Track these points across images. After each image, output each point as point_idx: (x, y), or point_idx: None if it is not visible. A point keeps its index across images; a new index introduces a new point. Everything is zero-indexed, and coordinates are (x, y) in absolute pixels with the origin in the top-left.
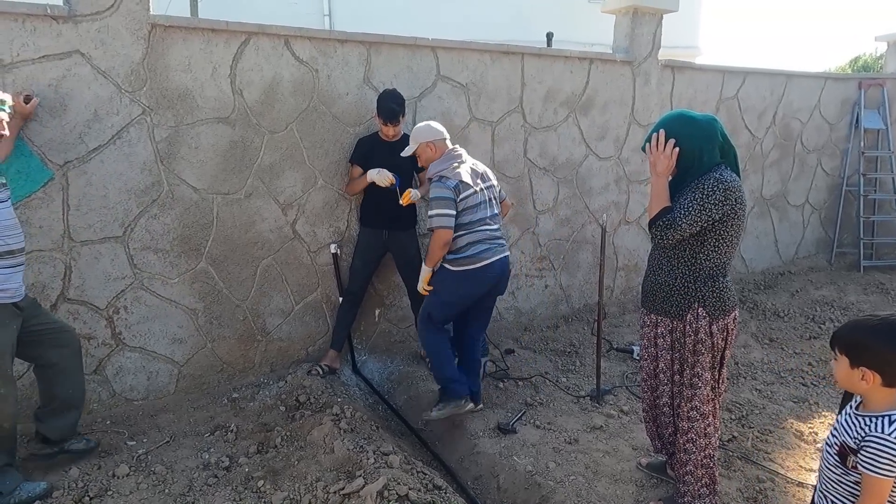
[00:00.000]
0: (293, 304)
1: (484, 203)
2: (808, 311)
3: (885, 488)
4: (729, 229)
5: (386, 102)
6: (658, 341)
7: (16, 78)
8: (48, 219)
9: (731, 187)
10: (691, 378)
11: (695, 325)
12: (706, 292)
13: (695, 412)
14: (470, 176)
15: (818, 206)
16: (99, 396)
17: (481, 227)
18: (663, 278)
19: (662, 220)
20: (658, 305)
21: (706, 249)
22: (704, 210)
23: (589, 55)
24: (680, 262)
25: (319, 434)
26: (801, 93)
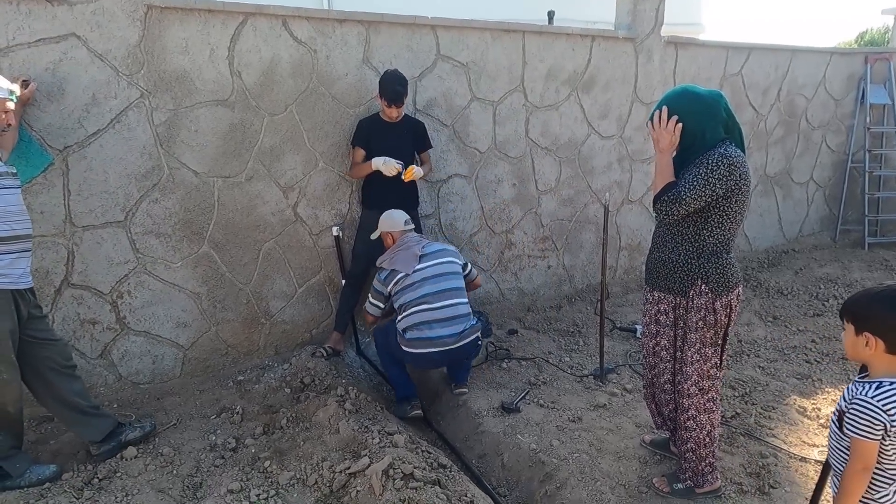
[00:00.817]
0: (296, 286)
1: (426, 280)
2: (812, 289)
3: (867, 450)
4: (733, 205)
5: (390, 84)
6: (660, 318)
7: (12, 62)
8: (49, 204)
9: (736, 163)
10: (693, 354)
11: (697, 301)
12: (709, 269)
13: (695, 388)
14: (403, 262)
15: (823, 184)
16: (105, 380)
17: (420, 308)
18: (667, 255)
19: (667, 196)
20: (661, 282)
21: (710, 226)
22: (708, 185)
23: (591, 32)
24: (684, 238)
25: (325, 415)
26: (806, 68)
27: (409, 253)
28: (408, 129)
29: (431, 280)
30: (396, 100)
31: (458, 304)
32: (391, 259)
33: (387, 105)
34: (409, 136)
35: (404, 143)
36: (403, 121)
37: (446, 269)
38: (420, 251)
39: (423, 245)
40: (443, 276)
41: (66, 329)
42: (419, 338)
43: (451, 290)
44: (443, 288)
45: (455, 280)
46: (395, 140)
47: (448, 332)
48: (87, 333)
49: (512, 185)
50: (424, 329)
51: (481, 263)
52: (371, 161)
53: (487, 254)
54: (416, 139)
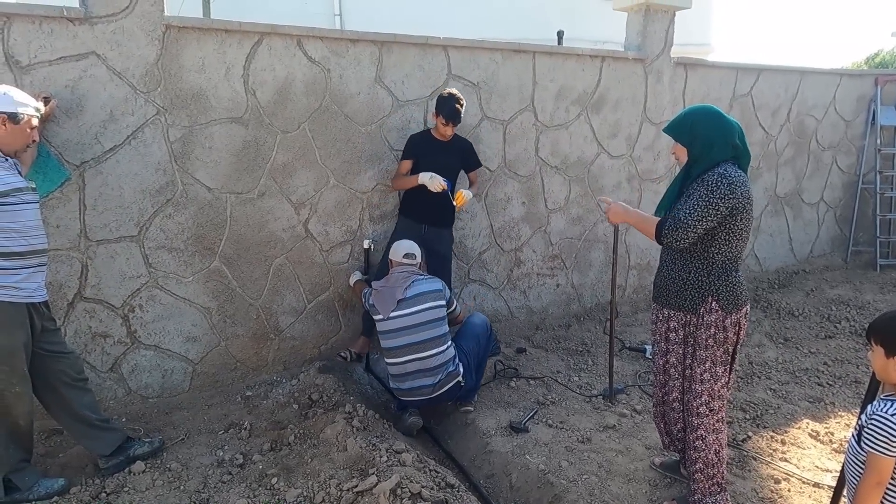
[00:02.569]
0: (305, 302)
1: (404, 331)
2: (824, 311)
3: (883, 466)
4: (738, 223)
5: (450, 103)
6: (670, 336)
7: (33, 79)
8: (65, 218)
9: (736, 181)
10: (702, 373)
11: (708, 318)
12: (720, 286)
13: (704, 408)
14: (383, 303)
15: (833, 205)
16: (115, 394)
17: (398, 360)
18: (677, 273)
19: (668, 225)
20: (671, 300)
21: (717, 243)
22: (710, 205)
23: (601, 53)
24: (693, 256)
25: (332, 432)
26: (816, 89)
27: (390, 294)
28: (457, 147)
29: (410, 330)
30: (455, 118)
31: (436, 355)
32: (378, 293)
33: (444, 123)
34: (458, 155)
35: (453, 162)
36: (453, 140)
37: (426, 317)
38: (402, 294)
39: (407, 286)
40: (422, 326)
41: (77, 342)
42: (400, 388)
43: (430, 340)
44: (421, 339)
45: (435, 328)
46: (444, 158)
47: (426, 382)
48: (98, 347)
49: (521, 203)
50: (405, 380)
51: (490, 281)
52: (418, 175)
53: (496, 272)
54: (464, 158)
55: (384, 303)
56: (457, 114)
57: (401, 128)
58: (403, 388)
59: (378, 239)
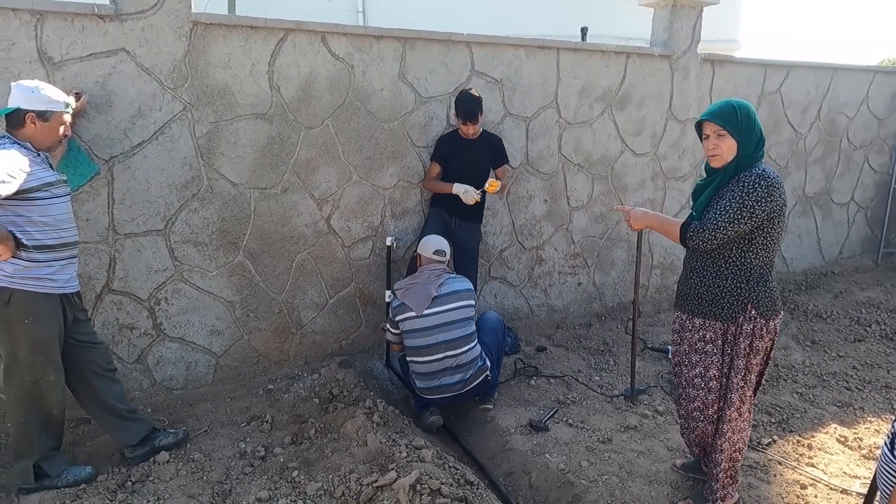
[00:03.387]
0: (327, 298)
1: (437, 328)
2: (853, 313)
3: None
4: (776, 227)
5: (464, 103)
6: (705, 347)
7: (65, 75)
8: (94, 212)
9: (775, 183)
10: (739, 381)
11: (748, 326)
12: (759, 293)
13: (736, 413)
14: (416, 300)
15: (864, 205)
16: (140, 385)
17: (429, 358)
18: (711, 280)
19: (693, 227)
20: (704, 308)
21: (755, 248)
22: (745, 208)
23: (626, 49)
24: (728, 263)
25: (353, 427)
26: (847, 87)
27: (424, 290)
28: (485, 145)
29: (443, 328)
30: (470, 117)
31: (467, 352)
32: (405, 290)
33: (462, 122)
34: (487, 152)
35: (482, 159)
36: (481, 137)
37: (458, 315)
38: (436, 291)
39: (440, 283)
40: (455, 324)
41: (105, 333)
42: (428, 387)
43: (463, 337)
44: (455, 336)
45: (466, 326)
46: (472, 156)
47: (457, 378)
48: (125, 338)
49: (543, 200)
50: (434, 379)
51: (511, 279)
52: (452, 185)
53: (517, 269)
54: (493, 154)
55: (418, 300)
56: (472, 113)
57: (423, 124)
58: (432, 385)
59: (400, 236)
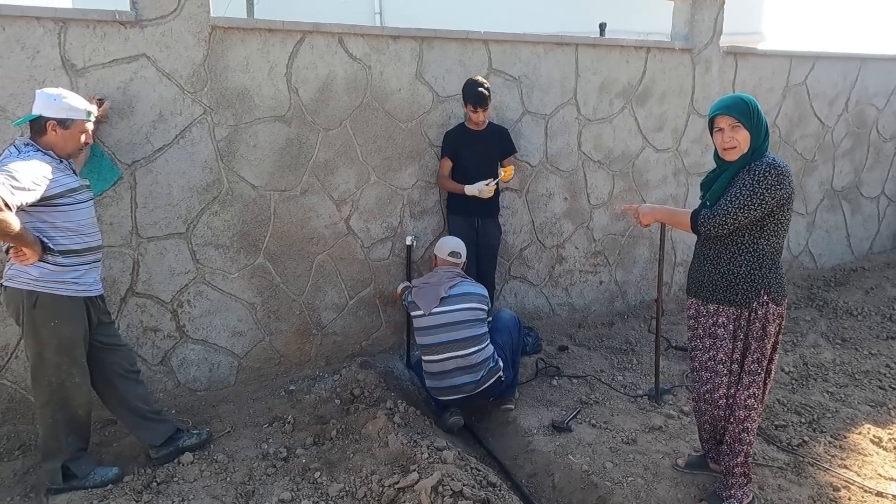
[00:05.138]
0: (347, 299)
1: (445, 327)
2: (885, 310)
3: None
4: (786, 214)
5: (473, 88)
6: (718, 331)
7: (87, 82)
8: (118, 216)
9: (784, 172)
10: (752, 365)
11: (761, 311)
12: (771, 279)
13: (752, 399)
14: (426, 299)
15: (895, 198)
16: (165, 386)
17: (438, 357)
18: (724, 266)
19: (703, 214)
20: (718, 294)
21: (766, 235)
22: (756, 195)
23: (646, 44)
24: (741, 249)
25: (374, 428)
26: (877, 77)
27: (434, 291)
28: (493, 136)
29: (450, 328)
30: (480, 101)
31: (477, 352)
32: (418, 289)
33: (472, 109)
34: (496, 143)
35: (491, 151)
36: (488, 128)
37: (468, 315)
38: (445, 292)
39: (451, 285)
40: (463, 324)
41: (129, 336)
42: (438, 387)
43: (471, 338)
44: (463, 336)
45: (476, 327)
46: (481, 147)
47: (467, 379)
48: (150, 340)
49: (563, 198)
50: (444, 379)
51: (531, 278)
52: (465, 187)
53: (538, 268)
54: (501, 146)
55: (427, 300)
56: (482, 97)
57: (441, 123)
58: (443, 386)
59: (419, 235)
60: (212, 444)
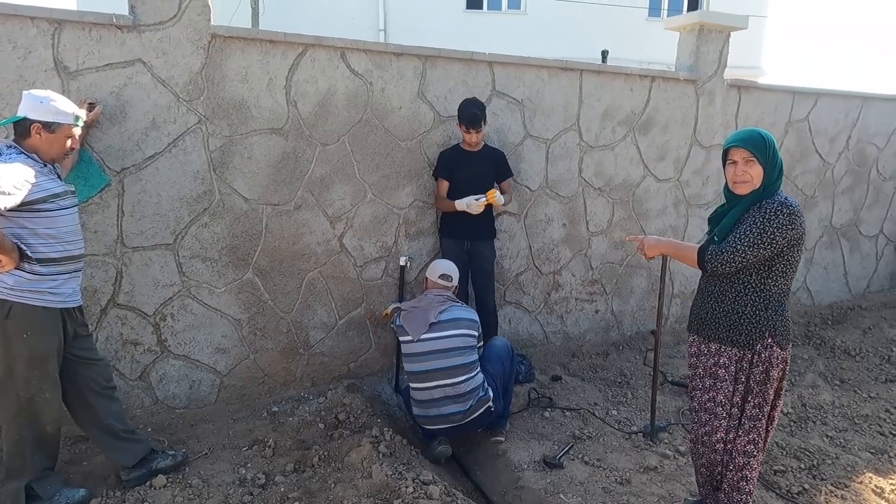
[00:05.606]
0: (337, 318)
1: (433, 354)
2: (883, 352)
3: None
4: (795, 255)
5: (467, 108)
6: (718, 371)
7: (80, 85)
8: (103, 224)
9: (795, 212)
10: (752, 409)
11: (765, 354)
12: (776, 321)
13: (752, 446)
14: (414, 325)
15: (894, 238)
16: (142, 402)
17: (426, 385)
18: (729, 305)
19: (711, 250)
20: (721, 334)
21: (774, 275)
22: (766, 234)
23: (650, 73)
24: (747, 289)
25: (358, 456)
26: (878, 116)
27: (423, 315)
28: (488, 158)
29: (439, 355)
30: (474, 122)
31: (466, 380)
32: (407, 313)
33: (465, 130)
34: (491, 165)
35: (486, 172)
36: (484, 150)
37: (458, 342)
38: (435, 318)
39: (441, 310)
40: (453, 352)
41: (108, 349)
42: (426, 415)
43: (461, 366)
44: (452, 364)
45: (466, 355)
46: (476, 169)
47: (455, 409)
48: (129, 354)
49: (562, 224)
50: (432, 407)
51: (526, 304)
52: (455, 202)
53: (533, 294)
54: (497, 168)
55: (415, 324)
56: (475, 118)
57: (441, 143)
58: (430, 415)
59: (414, 256)
60: (187, 466)
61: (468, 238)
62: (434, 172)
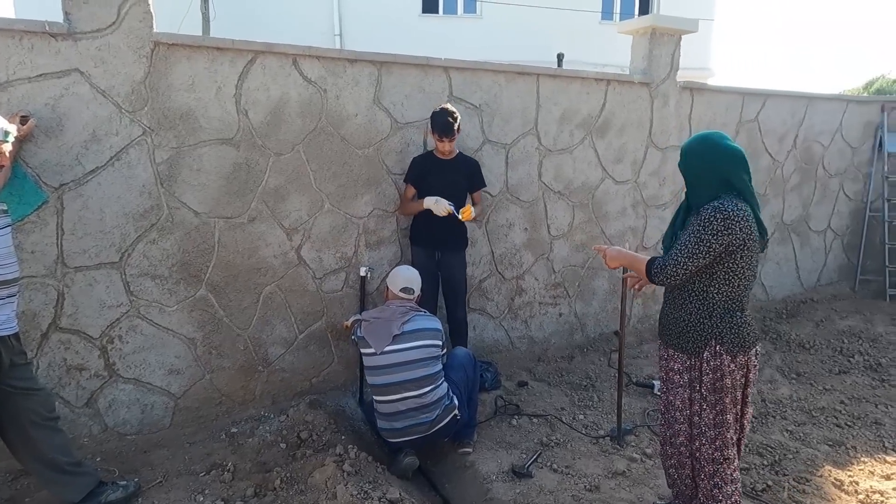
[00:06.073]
0: (297, 333)
1: (398, 367)
2: (835, 343)
3: None
4: (738, 261)
5: (441, 117)
6: (673, 377)
7: (10, 97)
8: (41, 243)
9: (733, 216)
10: (713, 418)
11: (713, 362)
12: (723, 328)
13: (718, 454)
14: (376, 337)
15: (841, 232)
16: (90, 431)
17: (391, 398)
18: (677, 312)
19: (656, 264)
20: (674, 340)
21: (717, 283)
22: (702, 242)
23: (606, 76)
24: (692, 296)
25: (321, 477)
26: (822, 116)
27: (386, 327)
28: (461, 166)
29: (404, 367)
30: (447, 131)
31: (432, 391)
32: (368, 324)
33: (438, 139)
34: (463, 174)
35: (458, 179)
36: (457, 158)
37: (422, 353)
38: (398, 329)
39: (404, 321)
40: (418, 363)
41: (51, 375)
42: (391, 428)
43: (426, 377)
44: (417, 376)
45: (430, 366)
46: (448, 176)
47: (421, 419)
48: (74, 380)
49: (524, 229)
50: (397, 420)
51: (490, 310)
52: (423, 200)
53: (497, 300)
54: (470, 177)
55: (377, 337)
56: (448, 127)
57: (399, 150)
58: (397, 427)
59: (375, 266)
60: (140, 496)
61: (439, 248)
62: (405, 178)
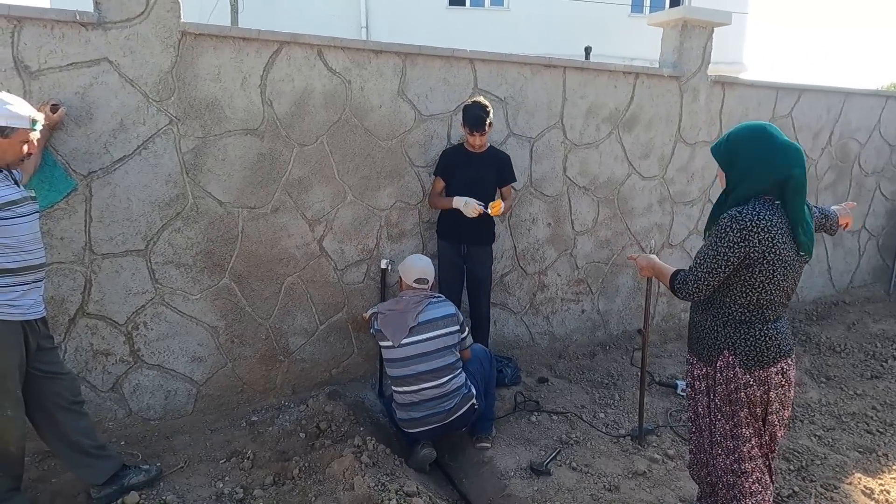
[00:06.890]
0: (317, 323)
1: (416, 358)
2: (868, 347)
3: None
4: (757, 275)
5: (472, 110)
6: (695, 384)
7: (42, 85)
8: (70, 230)
9: (750, 227)
10: (731, 430)
11: (726, 373)
12: (737, 339)
13: (737, 466)
14: (393, 329)
15: (876, 233)
16: (115, 415)
17: (410, 388)
18: (697, 318)
19: (679, 279)
20: (693, 345)
21: (733, 294)
22: (719, 255)
23: (634, 69)
24: (711, 302)
25: (339, 467)
26: (860, 112)
27: (402, 319)
28: (492, 160)
29: (423, 358)
30: (478, 125)
31: (450, 380)
32: (384, 317)
33: (469, 132)
34: (493, 168)
35: (487, 174)
36: (488, 152)
37: (439, 344)
38: (414, 321)
39: (419, 311)
40: (436, 354)
41: (78, 360)
42: (411, 418)
43: (444, 367)
44: (435, 367)
45: (447, 356)
46: (477, 170)
47: (440, 408)
48: (100, 365)
49: (547, 224)
50: (416, 409)
51: (511, 305)
52: (453, 199)
53: (518, 295)
54: (499, 171)
55: (394, 329)
56: (479, 121)
57: (423, 143)
58: (415, 416)
59: (396, 259)
60: (161, 481)
61: (466, 242)
62: (434, 170)
